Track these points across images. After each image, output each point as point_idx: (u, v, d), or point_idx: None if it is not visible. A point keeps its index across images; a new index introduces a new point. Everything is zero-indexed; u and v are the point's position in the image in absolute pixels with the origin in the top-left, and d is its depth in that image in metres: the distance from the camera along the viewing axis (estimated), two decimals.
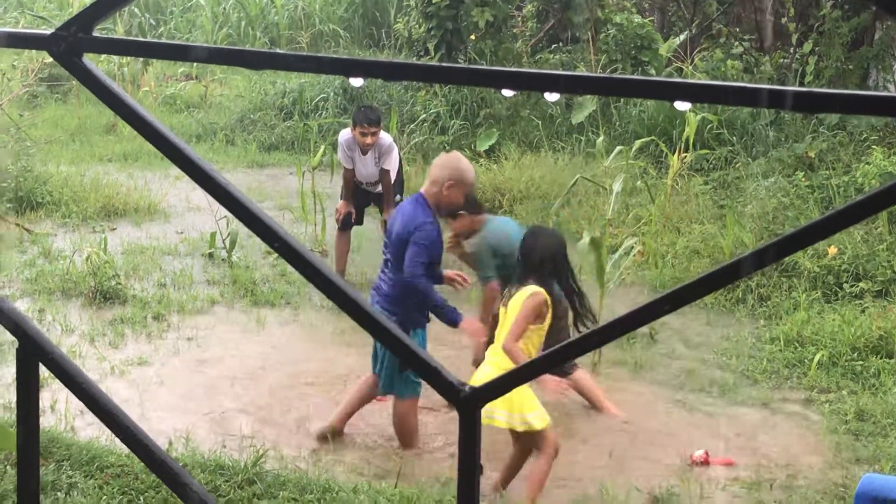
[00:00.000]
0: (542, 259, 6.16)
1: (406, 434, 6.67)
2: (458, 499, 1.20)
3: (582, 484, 6.29)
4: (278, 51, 1.20)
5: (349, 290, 1.17)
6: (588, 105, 13.52)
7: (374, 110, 9.67)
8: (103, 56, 16.98)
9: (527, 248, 6.23)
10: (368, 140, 9.18)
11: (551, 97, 1.14)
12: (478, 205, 7.82)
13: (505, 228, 7.56)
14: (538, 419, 5.95)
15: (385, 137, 9.37)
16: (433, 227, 6.47)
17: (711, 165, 12.20)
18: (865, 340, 7.98)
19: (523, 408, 5.91)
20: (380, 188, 9.57)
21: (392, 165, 9.43)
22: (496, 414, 5.87)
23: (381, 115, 9.64)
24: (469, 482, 1.19)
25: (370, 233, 10.21)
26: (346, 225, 9.75)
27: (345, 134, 9.48)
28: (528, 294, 6.00)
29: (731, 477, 6.42)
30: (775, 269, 9.19)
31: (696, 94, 1.07)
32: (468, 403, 1.16)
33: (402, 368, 6.42)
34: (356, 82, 1.22)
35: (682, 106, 1.06)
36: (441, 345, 7.66)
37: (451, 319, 6.55)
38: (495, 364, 5.98)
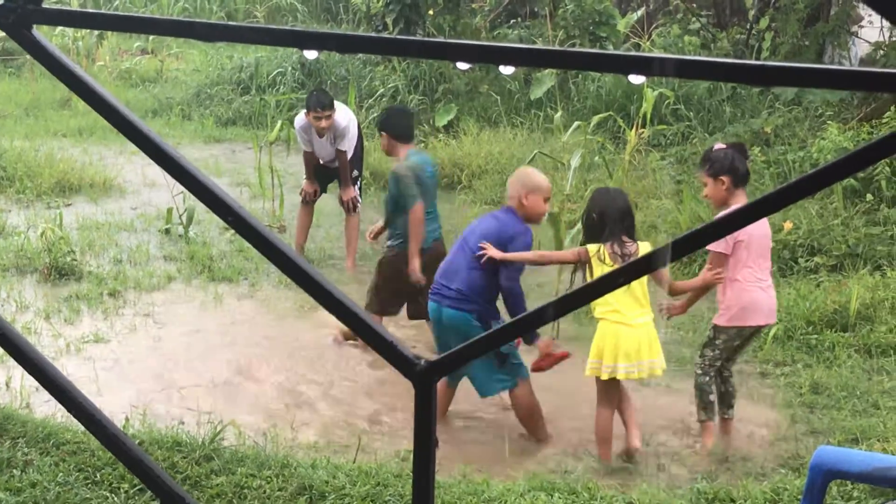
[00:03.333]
0: (623, 215, 6.21)
1: (534, 421, 6.60)
2: (413, 472, 1.20)
3: (534, 454, 6.31)
4: (231, 23, 1.19)
5: (303, 263, 1.17)
6: (546, 81, 13.53)
7: (326, 94, 9.71)
8: (58, 30, 16.77)
9: (604, 206, 6.24)
10: (323, 123, 9.21)
11: (506, 70, 1.14)
12: (409, 136, 7.88)
13: (425, 159, 7.92)
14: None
15: (340, 119, 9.36)
16: (526, 236, 6.49)
17: (668, 141, 12.25)
18: (820, 314, 8.06)
19: (655, 353, 6.21)
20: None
21: (348, 146, 9.47)
22: (644, 366, 6.15)
23: (333, 98, 9.63)
24: (425, 455, 1.19)
25: (329, 208, 10.21)
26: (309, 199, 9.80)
27: (300, 119, 9.52)
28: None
29: (687, 448, 6.48)
30: None
31: (650, 67, 1.07)
32: (424, 377, 1.16)
33: (498, 366, 6.43)
34: (310, 55, 1.21)
35: (636, 80, 1.06)
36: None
37: (531, 334, 6.43)
38: (646, 326, 6.16)
